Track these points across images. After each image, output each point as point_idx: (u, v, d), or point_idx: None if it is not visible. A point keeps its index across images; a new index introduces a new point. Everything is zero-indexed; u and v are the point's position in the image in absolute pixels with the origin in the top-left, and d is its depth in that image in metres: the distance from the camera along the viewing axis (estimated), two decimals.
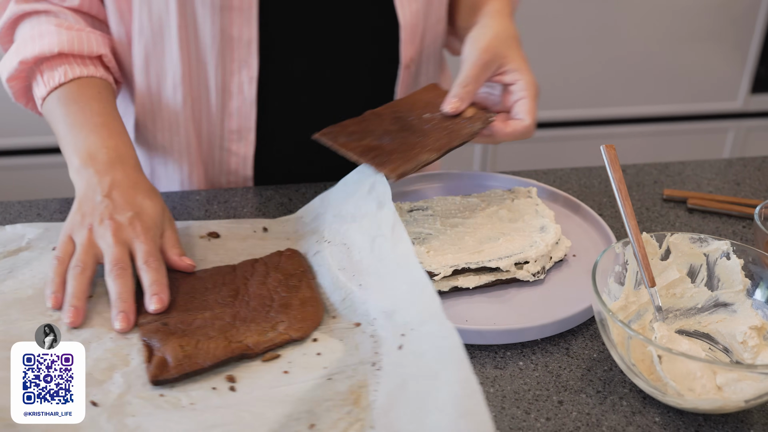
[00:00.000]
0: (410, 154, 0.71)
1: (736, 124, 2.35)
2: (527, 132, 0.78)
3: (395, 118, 0.78)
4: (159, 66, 0.85)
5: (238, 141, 0.90)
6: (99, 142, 0.74)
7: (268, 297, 0.67)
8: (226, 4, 0.80)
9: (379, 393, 0.57)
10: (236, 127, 0.89)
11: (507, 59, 0.79)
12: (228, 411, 0.56)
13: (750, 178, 0.96)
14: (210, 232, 0.77)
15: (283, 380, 0.59)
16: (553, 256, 0.75)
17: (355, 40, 0.89)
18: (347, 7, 0.87)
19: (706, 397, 0.57)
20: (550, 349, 0.66)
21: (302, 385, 0.58)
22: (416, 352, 0.58)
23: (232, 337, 0.62)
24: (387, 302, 0.64)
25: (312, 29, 0.87)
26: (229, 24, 0.82)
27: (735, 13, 2.16)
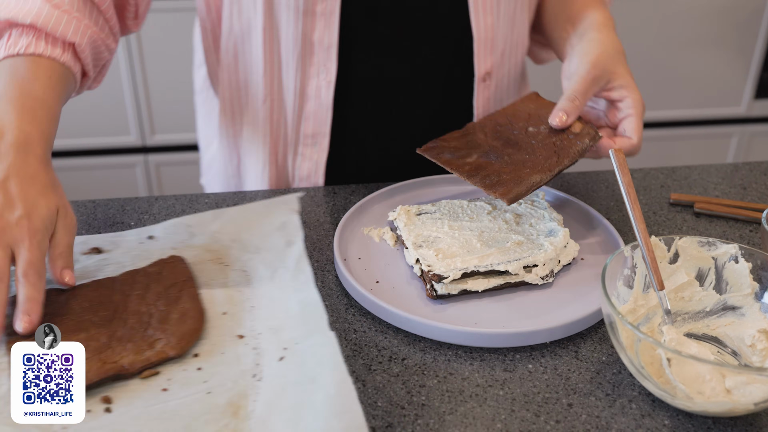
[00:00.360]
0: (521, 174, 0.70)
1: (740, 129, 2.35)
2: (634, 150, 0.78)
3: (497, 131, 0.77)
4: (245, 66, 0.87)
5: (312, 145, 0.91)
6: (15, 122, 0.68)
7: (146, 313, 0.66)
8: (309, 9, 0.82)
9: (258, 403, 0.58)
10: (311, 131, 0.90)
11: (615, 75, 0.79)
12: (101, 425, 0.55)
13: (756, 182, 0.96)
14: (92, 248, 0.75)
15: (161, 398, 0.58)
16: (561, 260, 0.75)
17: (431, 50, 0.89)
18: (425, 17, 0.88)
19: (716, 400, 0.57)
20: (559, 352, 0.66)
21: (181, 401, 0.58)
22: (298, 362, 0.61)
23: (107, 358, 0.60)
24: (276, 321, 0.66)
25: (390, 36, 0.88)
26: (311, 29, 0.83)
27: (739, 19, 2.17)
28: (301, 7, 0.81)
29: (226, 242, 0.77)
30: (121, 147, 2.06)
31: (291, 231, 0.77)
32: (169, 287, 0.69)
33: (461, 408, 0.60)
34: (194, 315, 0.66)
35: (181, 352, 0.62)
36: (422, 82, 0.92)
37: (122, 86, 1.97)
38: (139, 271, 0.71)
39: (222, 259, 0.75)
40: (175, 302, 0.67)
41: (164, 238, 0.78)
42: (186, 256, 0.74)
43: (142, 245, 0.77)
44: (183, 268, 0.72)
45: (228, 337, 0.65)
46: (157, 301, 0.67)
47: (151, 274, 0.71)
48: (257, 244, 0.76)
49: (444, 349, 0.66)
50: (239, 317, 0.68)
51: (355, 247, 0.78)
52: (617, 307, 0.64)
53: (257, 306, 0.69)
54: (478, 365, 0.64)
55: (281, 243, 0.76)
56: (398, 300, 0.70)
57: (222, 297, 0.70)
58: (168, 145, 2.07)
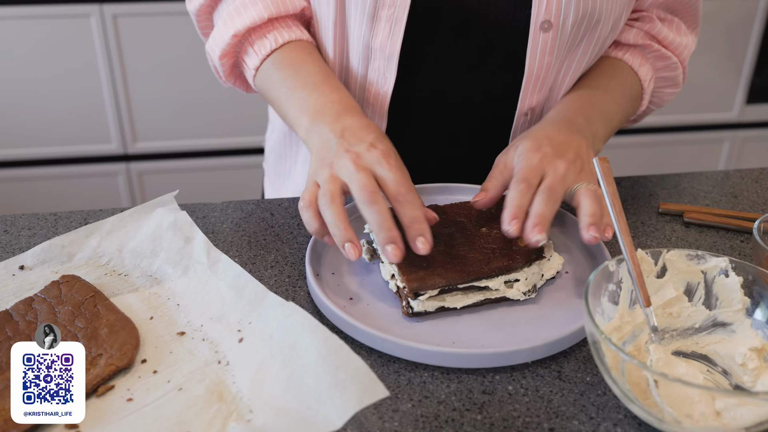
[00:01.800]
0: (438, 270, 0.67)
1: (731, 134, 2.33)
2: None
3: (455, 222, 0.75)
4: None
5: None
6: (323, 98, 0.76)
7: (69, 335, 0.62)
8: (376, 14, 0.79)
9: (239, 383, 0.58)
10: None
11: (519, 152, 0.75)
12: None
13: (747, 190, 0.93)
14: None
15: (131, 407, 0.56)
16: (544, 274, 0.72)
17: (481, 78, 0.86)
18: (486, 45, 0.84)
19: (705, 425, 0.54)
20: (541, 373, 0.63)
21: (154, 404, 0.57)
22: (262, 337, 0.60)
23: None
24: (213, 311, 0.65)
25: (447, 55, 0.85)
26: (375, 35, 0.80)
27: (730, 24, 2.15)
28: (369, 11, 0.79)
29: (113, 254, 0.74)
30: (102, 155, 2.02)
31: (184, 228, 0.74)
32: (79, 305, 0.65)
33: None
34: (123, 325, 0.63)
35: (129, 361, 0.60)
36: (468, 105, 0.89)
37: (102, 93, 1.93)
38: (33, 298, 0.66)
39: (117, 271, 0.72)
40: (95, 318, 0.64)
41: (39, 264, 0.72)
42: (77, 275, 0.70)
43: (17, 277, 0.70)
44: (83, 284, 0.68)
45: (168, 338, 0.63)
46: (74, 321, 0.64)
47: (49, 298, 0.66)
48: (151, 248, 0.73)
49: (420, 370, 0.62)
50: (169, 317, 0.66)
51: (329, 261, 0.75)
52: (601, 326, 0.61)
53: (183, 303, 0.67)
54: (455, 387, 0.61)
55: (179, 241, 0.73)
56: (372, 318, 0.67)
57: (139, 304, 0.67)
58: (150, 153, 2.04)
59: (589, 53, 0.85)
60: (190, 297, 0.68)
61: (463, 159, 0.94)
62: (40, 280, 0.70)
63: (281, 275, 0.74)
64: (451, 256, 0.69)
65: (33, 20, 1.83)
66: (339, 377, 0.53)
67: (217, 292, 0.67)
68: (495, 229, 0.74)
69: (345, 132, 0.71)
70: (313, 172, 0.71)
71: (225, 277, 0.68)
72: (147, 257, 0.73)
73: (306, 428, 0.52)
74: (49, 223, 0.82)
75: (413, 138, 0.92)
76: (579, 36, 0.81)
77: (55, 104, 1.93)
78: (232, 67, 0.87)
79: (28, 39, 1.85)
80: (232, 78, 0.89)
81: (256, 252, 0.77)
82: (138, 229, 0.75)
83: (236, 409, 0.55)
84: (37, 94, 1.92)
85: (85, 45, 1.87)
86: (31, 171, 2.00)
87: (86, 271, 0.71)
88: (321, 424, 0.52)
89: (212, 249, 0.71)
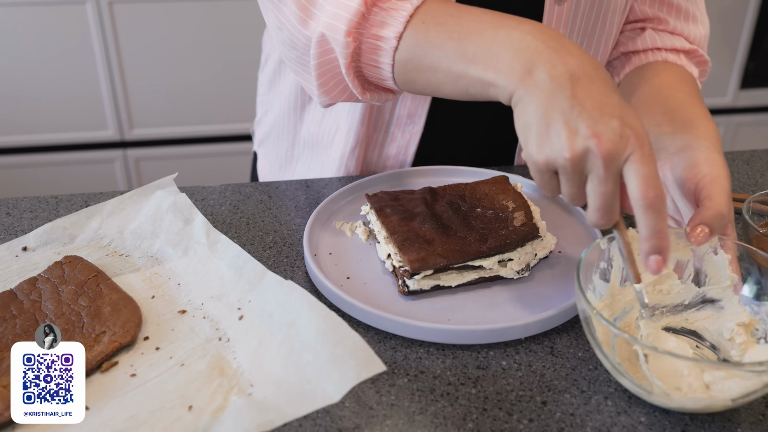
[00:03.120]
0: (438, 250, 0.68)
1: (726, 119, 2.35)
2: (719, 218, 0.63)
3: (449, 203, 0.76)
4: None
5: (406, 126, 0.88)
6: (514, 31, 0.59)
7: (73, 312, 0.64)
8: None
9: (240, 359, 0.59)
10: (407, 111, 0.87)
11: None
12: (93, 428, 0.54)
13: (738, 172, 0.94)
14: None
15: (135, 382, 0.58)
16: (538, 253, 0.73)
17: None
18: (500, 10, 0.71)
19: (693, 396, 0.55)
20: (534, 348, 0.64)
21: (157, 379, 0.58)
22: (262, 315, 0.62)
23: None
24: (213, 290, 0.67)
25: None
26: None
27: (724, 10, 2.16)
28: None
29: (114, 235, 0.75)
30: (98, 142, 2.03)
31: (184, 210, 0.75)
32: (82, 285, 0.67)
33: (431, 408, 0.58)
34: (126, 303, 0.64)
35: (132, 338, 0.61)
36: None
37: (98, 79, 1.94)
38: (37, 278, 0.68)
39: (118, 252, 0.73)
40: (98, 297, 0.65)
41: (42, 245, 0.73)
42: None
43: (20, 258, 0.72)
44: (85, 264, 0.69)
45: (170, 316, 0.65)
46: (77, 299, 0.65)
47: (53, 278, 0.68)
48: (151, 229, 0.75)
49: (415, 347, 0.64)
50: (170, 296, 0.67)
51: (326, 242, 0.76)
52: (592, 302, 0.62)
53: (184, 283, 0.68)
54: (450, 363, 0.62)
55: (179, 222, 0.74)
56: (369, 296, 0.68)
57: (140, 283, 0.69)
58: (147, 140, 2.05)
59: (605, 35, 0.85)
60: (191, 277, 0.69)
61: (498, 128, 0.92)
62: (42, 260, 0.71)
63: (279, 255, 0.75)
64: (448, 237, 0.71)
65: (30, 7, 1.83)
66: (337, 353, 0.54)
67: (217, 272, 0.68)
68: (489, 210, 0.75)
69: (575, 87, 0.55)
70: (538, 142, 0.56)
71: (224, 257, 0.69)
72: (147, 238, 0.74)
73: (305, 402, 0.53)
74: (50, 205, 0.83)
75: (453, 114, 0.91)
76: (593, 13, 0.81)
77: (52, 91, 1.94)
78: (352, 58, 0.66)
79: (24, 26, 1.86)
80: (350, 74, 0.67)
81: (254, 233, 0.79)
82: (138, 211, 0.77)
83: (237, 384, 0.57)
84: (34, 82, 1.92)
85: (82, 32, 1.88)
86: (28, 158, 2.01)
87: (88, 252, 0.73)
88: (320, 397, 0.53)
89: (211, 230, 0.72)
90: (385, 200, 0.76)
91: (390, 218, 0.73)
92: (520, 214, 0.74)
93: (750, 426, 0.57)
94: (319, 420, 0.56)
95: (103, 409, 0.55)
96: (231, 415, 0.53)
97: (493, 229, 0.72)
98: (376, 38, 0.64)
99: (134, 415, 0.54)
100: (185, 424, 0.53)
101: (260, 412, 0.53)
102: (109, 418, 0.54)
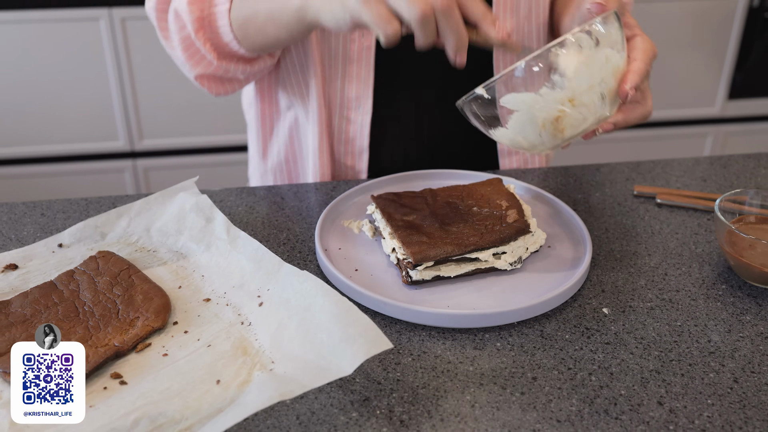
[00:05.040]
0: (438, 243, 0.75)
1: (714, 129, 2.41)
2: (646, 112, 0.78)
3: (448, 202, 0.83)
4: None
5: (356, 108, 0.96)
6: None
7: (109, 300, 0.70)
8: None
9: (261, 340, 0.66)
10: (355, 94, 0.95)
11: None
12: (132, 399, 0.59)
13: (716, 174, 1.02)
14: (6, 265, 0.76)
15: (167, 361, 0.64)
16: (529, 247, 0.80)
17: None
18: None
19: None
20: (525, 332, 0.71)
21: (187, 358, 0.64)
22: (279, 301, 0.68)
23: (97, 343, 0.64)
24: (234, 280, 0.73)
25: None
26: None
27: (711, 22, 2.23)
28: None
29: (142, 233, 0.82)
30: (109, 152, 2.10)
31: (206, 209, 0.82)
32: (115, 276, 0.73)
33: (433, 382, 0.64)
34: (157, 292, 0.71)
35: (163, 322, 0.68)
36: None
37: (111, 93, 2.01)
38: (74, 270, 0.74)
39: (146, 248, 0.80)
40: (131, 287, 0.72)
41: (76, 242, 0.80)
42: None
43: (56, 254, 0.79)
44: (117, 258, 0.75)
45: (196, 303, 0.71)
46: (112, 289, 0.71)
47: (89, 270, 0.74)
48: (176, 227, 0.81)
49: (418, 330, 0.71)
50: (196, 286, 0.74)
51: (335, 239, 0.83)
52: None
53: (207, 275, 0.75)
54: (450, 344, 0.69)
55: (201, 221, 0.81)
56: (376, 286, 0.75)
57: (168, 275, 0.75)
58: (156, 150, 2.12)
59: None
60: (213, 269, 0.76)
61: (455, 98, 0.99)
62: (77, 256, 0.78)
63: (293, 251, 0.82)
64: (448, 232, 0.78)
65: (46, 23, 1.90)
66: (349, 332, 0.61)
67: (238, 264, 0.75)
68: (485, 208, 0.82)
69: None
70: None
71: (244, 251, 0.76)
72: (173, 235, 0.81)
73: (322, 374, 0.60)
74: (81, 207, 0.90)
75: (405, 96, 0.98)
76: None
77: (66, 104, 2.00)
78: (201, 21, 0.88)
79: (41, 42, 1.92)
80: (201, 36, 0.88)
81: (269, 231, 0.86)
82: (163, 211, 0.83)
83: (260, 361, 0.63)
84: (49, 95, 1.99)
85: (95, 47, 1.95)
86: (43, 167, 2.07)
87: (118, 248, 0.80)
88: (334, 371, 0.60)
89: (231, 227, 0.79)
90: (389, 200, 0.84)
91: (394, 216, 0.80)
92: (513, 212, 0.81)
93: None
94: (332, 393, 0.63)
95: (141, 383, 0.61)
96: (255, 387, 0.60)
97: (488, 225, 0.79)
98: (213, 5, 0.86)
99: (168, 387, 0.61)
100: (214, 396, 0.60)
101: (282, 383, 0.59)
102: (146, 390, 0.60)
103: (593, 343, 0.69)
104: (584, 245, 0.81)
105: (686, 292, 0.76)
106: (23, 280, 0.75)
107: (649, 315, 0.73)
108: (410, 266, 0.75)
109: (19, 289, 0.73)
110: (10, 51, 1.93)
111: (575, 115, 0.68)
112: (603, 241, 0.85)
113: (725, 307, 0.74)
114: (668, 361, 0.67)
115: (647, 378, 0.65)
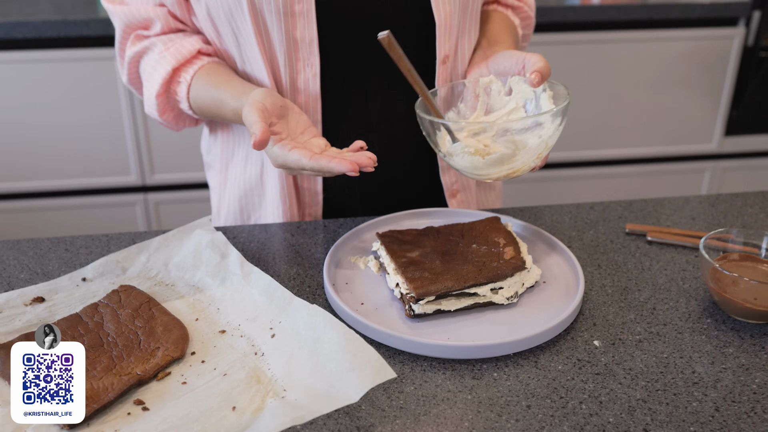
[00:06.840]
0: (439, 278, 0.80)
1: (712, 164, 2.46)
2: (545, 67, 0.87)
3: (448, 240, 0.89)
4: (251, 69, 0.98)
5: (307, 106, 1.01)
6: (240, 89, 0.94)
7: (131, 332, 0.75)
8: (289, 10, 0.92)
9: (273, 369, 0.70)
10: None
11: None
12: (155, 425, 0.63)
13: (704, 213, 1.06)
14: (34, 298, 0.80)
15: (186, 389, 0.68)
16: (525, 283, 0.85)
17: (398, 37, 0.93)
18: (390, 7, 0.98)
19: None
20: (521, 362, 0.75)
21: (205, 386, 0.69)
22: (291, 333, 0.73)
23: (121, 372, 0.69)
24: (248, 313, 0.78)
25: (361, 27, 0.97)
26: (293, 27, 0.93)
27: (708, 61, 2.29)
28: (282, 9, 0.91)
29: (161, 268, 0.87)
30: (122, 186, 2.16)
31: (221, 246, 0.87)
32: (136, 309, 0.78)
33: (434, 410, 0.69)
34: (175, 324, 0.76)
35: (182, 353, 0.73)
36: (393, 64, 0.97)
37: (123, 129, 2.07)
38: (98, 303, 0.79)
39: (164, 282, 0.85)
40: (151, 319, 0.77)
41: (98, 276, 0.85)
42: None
43: (80, 287, 0.83)
44: (138, 292, 0.80)
45: (212, 335, 0.76)
46: (134, 321, 0.76)
47: (111, 303, 0.79)
48: (192, 262, 0.87)
49: (420, 361, 0.75)
50: (212, 319, 0.78)
51: (342, 274, 0.88)
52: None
53: (222, 308, 0.80)
54: (449, 374, 0.73)
55: (216, 257, 0.86)
56: (380, 319, 0.80)
57: (185, 308, 0.80)
58: (167, 185, 2.17)
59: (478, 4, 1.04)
60: (228, 302, 0.81)
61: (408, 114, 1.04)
62: (100, 289, 0.83)
63: (302, 286, 0.87)
64: (448, 268, 0.83)
65: (63, 63, 1.97)
66: (356, 362, 0.66)
67: (251, 298, 0.80)
68: (483, 245, 0.87)
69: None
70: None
71: (257, 285, 0.81)
72: (189, 270, 0.86)
73: (330, 401, 0.65)
74: (102, 243, 0.95)
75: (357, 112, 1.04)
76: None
77: (80, 139, 2.07)
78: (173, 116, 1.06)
79: (57, 80, 1.99)
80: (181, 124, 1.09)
81: (279, 266, 0.91)
82: (180, 247, 0.89)
83: (272, 389, 0.68)
84: (64, 131, 2.05)
85: (109, 86, 2.01)
86: (56, 201, 2.13)
87: (138, 282, 0.85)
88: (342, 398, 0.65)
89: (245, 263, 0.84)
90: (393, 238, 0.89)
91: (398, 253, 0.85)
92: (509, 249, 0.86)
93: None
94: (340, 419, 0.67)
95: (162, 410, 0.66)
96: (269, 413, 0.65)
97: (486, 261, 0.84)
98: (175, 94, 1.01)
99: (188, 413, 0.65)
100: (230, 421, 0.65)
101: (293, 410, 0.64)
102: (167, 416, 0.65)
103: (584, 374, 0.73)
104: (577, 281, 0.85)
105: (673, 325, 0.81)
106: (50, 312, 0.79)
107: (638, 347, 0.77)
108: (413, 300, 0.79)
109: (46, 320, 0.78)
110: (29, 89, 2.00)
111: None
112: (595, 276, 0.90)
113: (709, 340, 0.78)
114: (654, 391, 0.71)
115: (634, 406, 0.69)
